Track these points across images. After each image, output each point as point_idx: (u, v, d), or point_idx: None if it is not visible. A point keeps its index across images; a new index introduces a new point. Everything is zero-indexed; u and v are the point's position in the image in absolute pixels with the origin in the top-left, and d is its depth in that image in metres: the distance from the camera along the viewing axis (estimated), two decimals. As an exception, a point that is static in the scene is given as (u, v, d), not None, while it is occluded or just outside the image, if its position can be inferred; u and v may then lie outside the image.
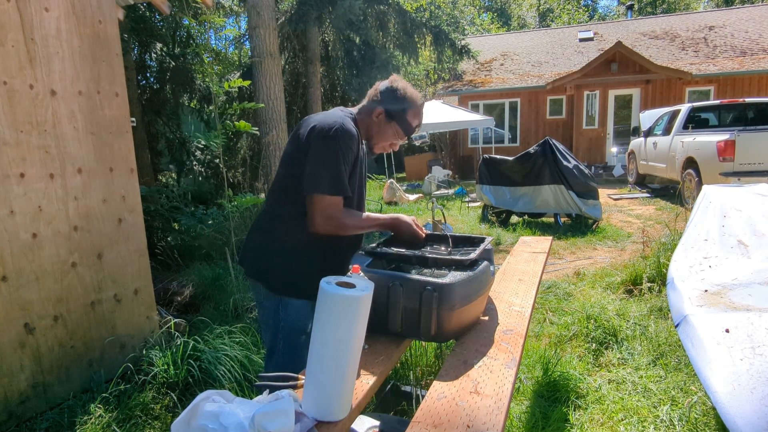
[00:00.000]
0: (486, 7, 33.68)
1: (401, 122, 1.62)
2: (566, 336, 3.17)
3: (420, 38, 11.47)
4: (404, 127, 1.64)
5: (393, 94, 1.61)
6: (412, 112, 1.63)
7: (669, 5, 29.58)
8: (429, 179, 11.89)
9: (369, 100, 1.66)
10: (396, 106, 1.61)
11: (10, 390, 2.37)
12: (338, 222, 1.50)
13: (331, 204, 1.48)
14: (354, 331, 0.96)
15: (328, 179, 1.46)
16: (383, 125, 1.63)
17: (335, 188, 1.47)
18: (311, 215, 1.49)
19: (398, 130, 1.64)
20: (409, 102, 1.62)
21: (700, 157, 7.46)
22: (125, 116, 2.95)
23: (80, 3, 2.68)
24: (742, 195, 2.72)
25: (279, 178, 1.64)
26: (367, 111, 1.65)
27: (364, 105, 1.68)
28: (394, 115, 1.61)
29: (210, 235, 5.07)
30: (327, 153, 1.47)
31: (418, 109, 1.64)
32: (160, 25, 7.26)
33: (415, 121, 1.65)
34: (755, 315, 1.58)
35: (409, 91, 1.63)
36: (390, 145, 1.69)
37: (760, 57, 13.53)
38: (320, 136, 1.48)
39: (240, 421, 0.85)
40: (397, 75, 1.68)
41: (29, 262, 2.44)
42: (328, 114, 1.57)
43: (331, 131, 1.47)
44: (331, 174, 1.46)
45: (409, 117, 1.63)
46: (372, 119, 1.63)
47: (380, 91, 1.63)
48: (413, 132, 1.67)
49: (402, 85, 1.63)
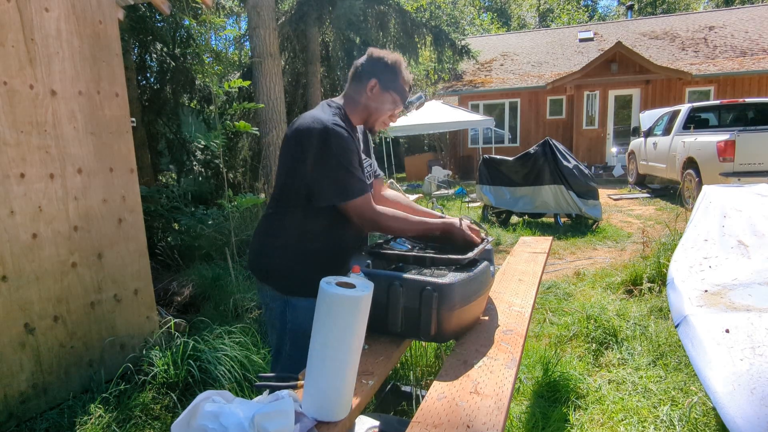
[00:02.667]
0: (486, 7, 33.68)
1: (397, 89, 1.59)
2: (566, 336, 3.17)
3: (420, 38, 11.47)
4: (400, 92, 1.61)
5: (378, 63, 1.58)
6: (402, 77, 1.60)
7: (669, 5, 29.59)
8: (429, 179, 11.89)
9: (353, 82, 1.61)
10: (386, 73, 1.57)
11: (10, 390, 2.37)
12: (379, 225, 1.52)
13: (361, 206, 1.48)
14: (354, 331, 0.96)
15: (344, 182, 1.46)
16: (379, 97, 1.58)
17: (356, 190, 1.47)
18: (354, 222, 1.52)
19: (395, 97, 1.60)
20: (395, 66, 1.59)
21: (700, 157, 7.46)
22: (125, 116, 2.95)
23: (80, 3, 2.68)
24: (742, 195, 2.72)
25: (277, 180, 1.64)
26: (357, 91, 1.60)
27: (348, 90, 1.63)
28: (387, 83, 1.58)
29: (210, 236, 5.07)
30: (328, 154, 1.45)
31: (405, 71, 1.61)
32: (160, 25, 7.26)
33: (406, 85, 1.62)
34: (755, 315, 1.58)
35: (393, 56, 1.60)
36: (389, 118, 1.66)
37: (760, 57, 13.54)
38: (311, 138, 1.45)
39: (240, 422, 0.85)
40: (371, 48, 1.64)
41: (29, 262, 2.44)
42: (314, 116, 1.50)
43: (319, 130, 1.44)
44: (347, 177, 1.46)
45: (401, 81, 1.60)
46: (366, 95, 1.58)
47: (363, 65, 1.59)
48: (407, 96, 1.65)
49: (382, 53, 1.59)
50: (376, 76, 1.57)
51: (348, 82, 1.64)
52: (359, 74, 1.59)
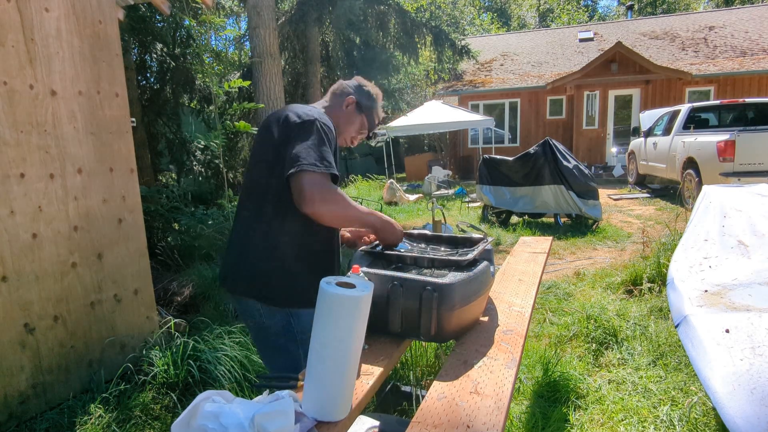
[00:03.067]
0: (486, 8, 33.68)
1: (369, 116, 1.70)
2: (566, 336, 3.17)
3: (420, 38, 11.47)
4: (370, 121, 1.71)
5: (363, 90, 1.69)
6: (376, 111, 1.73)
7: (669, 5, 29.59)
8: (429, 179, 11.89)
9: (335, 95, 1.69)
10: (366, 100, 1.69)
11: (10, 390, 2.37)
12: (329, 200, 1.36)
13: (321, 180, 1.36)
14: (354, 331, 0.96)
15: (317, 155, 1.37)
16: (352, 116, 1.67)
17: (323, 164, 1.36)
18: (302, 194, 1.34)
19: (365, 122, 1.70)
20: (375, 100, 1.71)
21: (700, 157, 7.46)
22: (125, 116, 2.95)
23: (80, 3, 2.68)
24: (742, 195, 2.72)
25: (255, 183, 1.53)
26: (337, 102, 1.68)
27: (329, 101, 1.69)
28: (363, 108, 1.69)
29: (210, 236, 5.07)
30: (309, 133, 1.41)
31: (379, 108, 1.74)
32: (160, 25, 7.26)
33: (377, 119, 1.74)
34: (755, 315, 1.58)
35: (375, 90, 1.73)
36: (351, 139, 1.71)
37: (760, 57, 13.54)
38: (299, 119, 1.44)
39: (240, 422, 0.85)
40: (359, 77, 1.77)
41: (29, 262, 2.44)
42: (298, 105, 1.54)
43: (311, 116, 1.45)
44: (317, 150, 1.38)
45: (374, 114, 1.72)
46: (342, 109, 1.66)
47: (350, 86, 1.70)
48: (374, 128, 1.74)
49: (365, 82, 1.72)
50: (356, 96, 1.68)
51: (329, 93, 1.72)
52: (342, 90, 1.69)
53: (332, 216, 1.40)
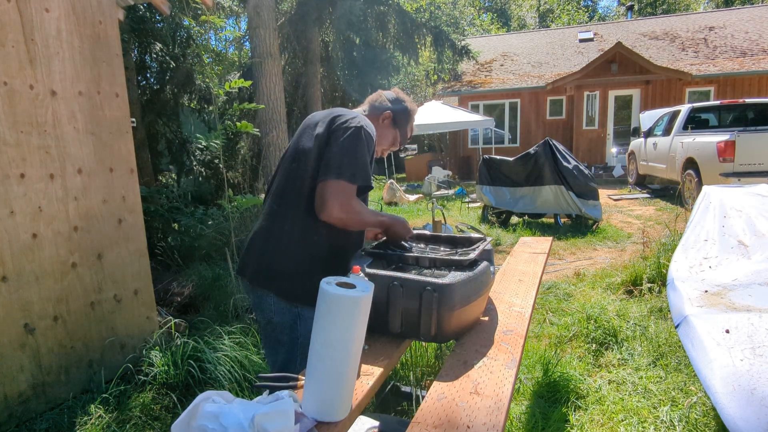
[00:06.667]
0: (486, 8, 33.68)
1: (402, 131, 1.73)
2: (566, 336, 3.17)
3: (420, 39, 11.47)
4: (403, 136, 1.74)
5: (400, 105, 1.71)
6: (411, 125, 1.77)
7: (669, 6, 29.60)
8: (429, 180, 11.89)
9: (373, 105, 1.71)
10: (401, 115, 1.71)
11: (10, 390, 2.37)
12: (351, 211, 1.43)
13: (347, 190, 1.42)
14: (354, 331, 0.96)
15: (352, 166, 1.42)
16: (387, 130, 1.70)
17: (354, 175, 1.42)
18: (324, 201, 1.40)
19: (397, 137, 1.73)
20: (411, 115, 1.74)
21: (700, 157, 7.46)
22: (125, 117, 2.95)
23: (80, 3, 2.68)
24: (742, 195, 2.72)
25: (286, 177, 1.56)
26: (374, 114, 1.69)
27: (366, 109, 1.72)
28: (398, 123, 1.71)
29: (210, 236, 5.07)
30: (350, 140, 1.45)
31: (413, 122, 1.77)
32: (160, 25, 7.26)
33: (410, 133, 1.77)
34: (755, 316, 1.58)
35: (412, 105, 1.76)
36: (383, 151, 1.75)
37: (760, 58, 13.54)
38: (344, 125, 1.47)
39: (240, 422, 0.85)
40: (398, 89, 1.79)
41: (29, 262, 2.44)
42: (343, 110, 1.57)
43: (356, 122, 1.48)
44: (353, 160, 1.43)
45: (408, 128, 1.75)
46: (378, 123, 1.67)
47: (388, 99, 1.71)
48: (406, 143, 1.77)
49: (407, 98, 1.75)
50: (393, 110, 1.70)
51: (366, 102, 1.74)
52: (380, 103, 1.71)
53: (344, 225, 1.48)
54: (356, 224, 1.51)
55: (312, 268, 1.51)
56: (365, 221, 1.53)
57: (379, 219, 1.59)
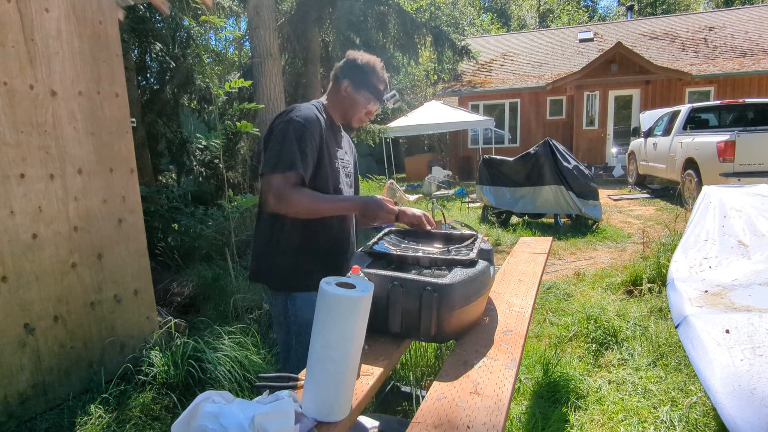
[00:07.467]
0: (486, 8, 33.68)
1: (369, 87, 1.69)
2: (566, 336, 3.17)
3: (420, 39, 11.46)
4: (373, 91, 1.70)
5: (352, 65, 1.69)
6: (375, 76, 1.69)
7: (669, 6, 29.60)
8: (429, 180, 11.89)
9: (332, 83, 1.73)
10: (358, 74, 1.68)
11: (10, 390, 2.37)
12: (290, 202, 1.47)
13: (279, 182, 1.47)
14: (354, 331, 0.96)
15: (276, 157, 1.48)
16: (353, 96, 1.69)
17: (283, 166, 1.47)
18: (262, 196, 1.52)
19: (368, 95, 1.70)
20: (368, 67, 1.69)
21: (700, 157, 7.46)
22: (125, 117, 2.95)
23: (80, 3, 2.68)
24: (742, 195, 2.72)
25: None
26: (335, 90, 1.71)
27: (329, 90, 1.74)
28: (359, 83, 1.68)
29: (210, 236, 5.07)
30: (276, 134, 1.52)
31: (379, 72, 1.70)
32: (160, 25, 7.27)
33: (380, 84, 1.71)
34: (755, 316, 1.58)
35: (367, 57, 1.71)
36: (366, 114, 1.74)
37: (760, 58, 13.54)
38: (273, 122, 1.56)
39: (240, 422, 0.85)
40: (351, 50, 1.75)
41: (29, 262, 2.44)
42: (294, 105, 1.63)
43: (285, 116, 1.54)
44: (280, 152, 1.48)
45: (374, 81, 1.69)
46: (341, 95, 1.69)
47: (339, 67, 1.71)
48: (383, 95, 1.72)
49: (358, 54, 1.71)
50: (348, 77, 1.68)
51: (330, 82, 1.75)
52: (336, 75, 1.71)
53: (297, 213, 1.54)
54: (305, 213, 1.54)
55: (289, 259, 1.63)
56: (316, 209, 1.55)
57: (341, 204, 1.63)
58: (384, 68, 1.74)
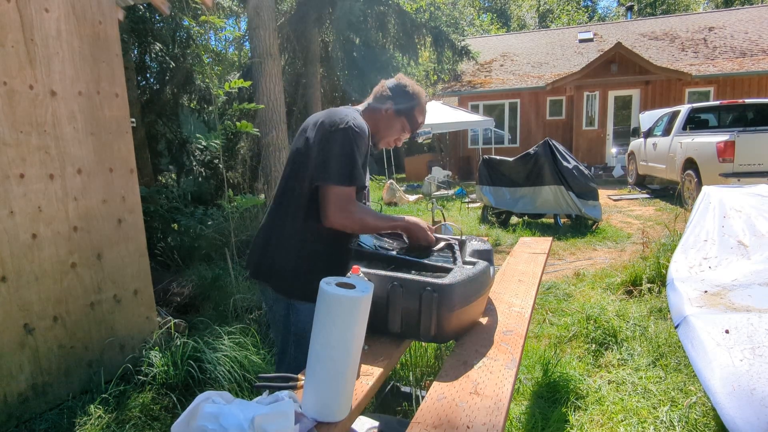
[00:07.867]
0: (486, 8, 33.69)
1: (409, 118, 1.70)
2: (566, 337, 3.17)
3: (420, 39, 11.46)
4: (411, 122, 1.70)
5: (402, 91, 1.68)
6: (419, 109, 1.71)
7: (669, 6, 29.61)
8: (429, 180, 11.89)
9: (376, 97, 1.71)
10: (404, 102, 1.68)
11: (9, 390, 2.36)
12: (352, 216, 1.47)
13: (343, 195, 1.45)
14: (354, 332, 0.96)
15: (341, 169, 1.45)
16: (392, 120, 1.68)
17: (348, 178, 1.45)
18: (323, 207, 1.46)
19: (405, 125, 1.70)
20: (416, 99, 1.69)
21: (700, 157, 7.46)
22: (125, 117, 2.95)
23: (80, 4, 2.68)
24: (741, 196, 2.72)
25: (285, 178, 1.64)
26: (375, 107, 1.69)
27: (370, 102, 1.72)
28: (402, 110, 1.68)
29: (210, 236, 5.07)
30: (339, 143, 1.47)
31: (423, 105, 1.72)
32: (160, 25, 7.27)
33: (420, 117, 1.72)
34: (755, 316, 1.58)
35: (416, 89, 1.71)
36: (395, 141, 1.75)
37: (759, 58, 13.55)
38: (331, 128, 1.49)
39: (240, 423, 0.85)
40: (401, 74, 1.75)
41: (29, 262, 2.44)
42: (335, 110, 1.58)
43: (344, 123, 1.49)
44: (344, 163, 1.45)
45: (416, 113, 1.70)
46: (381, 114, 1.68)
47: (389, 87, 1.69)
48: (419, 128, 1.73)
49: (409, 82, 1.71)
50: (394, 100, 1.67)
51: (372, 94, 1.73)
52: (382, 94, 1.69)
53: (350, 227, 1.51)
54: (360, 230, 1.55)
55: (308, 268, 1.57)
56: (373, 226, 1.55)
57: (392, 224, 1.61)
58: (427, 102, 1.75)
